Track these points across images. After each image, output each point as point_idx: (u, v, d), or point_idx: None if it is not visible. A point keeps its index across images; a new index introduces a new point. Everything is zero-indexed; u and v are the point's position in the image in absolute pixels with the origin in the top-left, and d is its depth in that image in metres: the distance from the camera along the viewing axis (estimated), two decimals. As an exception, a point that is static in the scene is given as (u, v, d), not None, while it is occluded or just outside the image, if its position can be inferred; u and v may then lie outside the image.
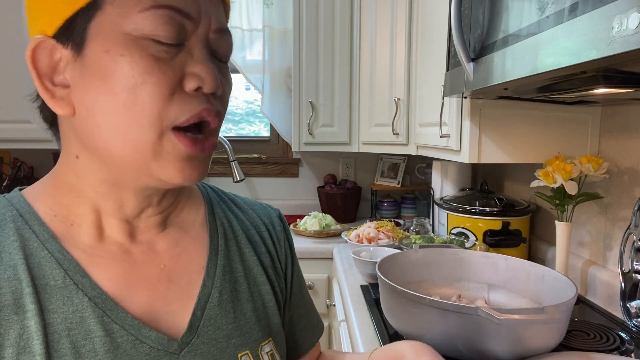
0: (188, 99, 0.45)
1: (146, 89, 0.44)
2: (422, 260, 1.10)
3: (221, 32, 0.49)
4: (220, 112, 0.49)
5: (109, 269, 0.49)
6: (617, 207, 1.19)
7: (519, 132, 1.26)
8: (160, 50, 0.44)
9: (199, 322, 0.52)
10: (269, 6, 2.37)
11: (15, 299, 0.44)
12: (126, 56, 0.43)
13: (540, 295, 0.97)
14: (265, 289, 0.60)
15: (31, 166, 2.39)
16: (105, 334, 0.46)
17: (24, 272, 0.45)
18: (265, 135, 2.65)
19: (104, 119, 0.45)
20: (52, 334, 0.44)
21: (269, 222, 0.66)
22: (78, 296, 0.46)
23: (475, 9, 0.96)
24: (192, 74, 0.45)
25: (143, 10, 0.43)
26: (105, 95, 0.44)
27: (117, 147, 0.45)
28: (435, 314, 0.81)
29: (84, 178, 0.50)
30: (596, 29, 0.54)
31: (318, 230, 2.10)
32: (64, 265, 0.47)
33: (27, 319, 0.43)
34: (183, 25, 0.45)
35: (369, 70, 2.06)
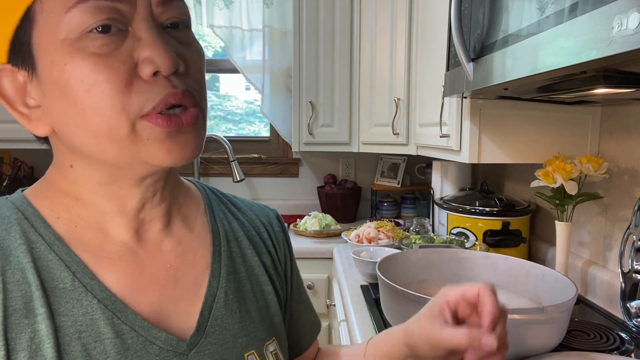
0: (148, 87, 0.43)
1: (99, 89, 0.42)
2: (422, 260, 1.10)
3: (165, 3, 0.45)
4: (189, 89, 0.46)
5: (117, 270, 0.49)
6: (617, 207, 1.19)
7: (519, 132, 1.26)
8: (101, 46, 0.42)
9: (206, 323, 0.52)
10: (269, 6, 2.37)
11: (25, 302, 0.43)
12: (69, 63, 0.42)
13: (540, 295, 0.97)
14: (267, 288, 0.60)
15: (31, 166, 2.39)
16: (116, 336, 0.46)
17: (33, 275, 0.44)
18: (265, 135, 2.65)
19: (77, 129, 0.45)
20: (62, 337, 0.44)
21: (268, 223, 0.66)
22: (87, 298, 0.46)
23: (475, 9, 0.96)
24: (145, 59, 0.43)
25: (69, 9, 0.41)
26: (68, 107, 0.44)
27: (100, 150, 0.45)
28: (435, 314, 0.81)
29: (80, 184, 0.50)
30: (596, 29, 0.54)
31: (318, 230, 2.10)
32: (71, 267, 0.47)
33: (38, 322, 0.43)
34: (118, 10, 0.42)
35: (369, 70, 2.06)
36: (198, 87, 0.48)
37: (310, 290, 1.94)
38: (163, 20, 0.46)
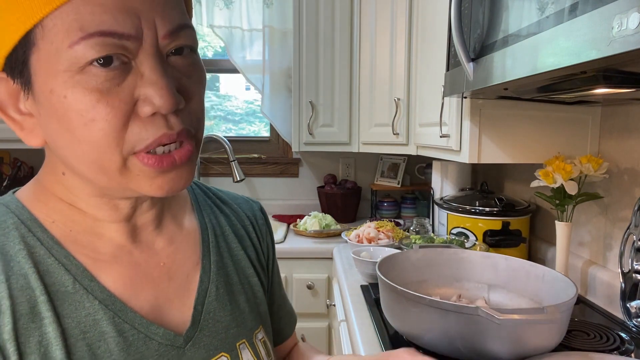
0: (144, 126, 0.43)
1: (97, 126, 0.42)
2: (422, 260, 1.10)
3: (173, 34, 0.44)
4: (186, 127, 0.46)
5: (114, 271, 0.50)
6: (617, 207, 1.19)
7: (519, 132, 1.26)
8: (103, 81, 0.41)
9: (200, 316, 0.54)
10: (269, 6, 2.37)
11: (30, 307, 0.44)
12: (69, 97, 0.42)
13: (540, 295, 0.97)
14: (253, 280, 0.63)
15: (31, 166, 2.39)
16: (118, 334, 0.47)
17: (36, 280, 0.45)
18: (265, 135, 2.65)
19: (69, 151, 0.45)
20: (69, 338, 0.45)
21: (252, 216, 0.68)
22: (89, 300, 0.47)
23: (475, 9, 0.96)
24: (145, 98, 0.43)
25: (72, 45, 0.40)
26: (64, 134, 0.44)
27: (90, 173, 0.46)
28: (435, 314, 0.81)
29: (72, 192, 0.50)
30: (596, 29, 0.54)
31: (318, 230, 2.10)
32: (71, 270, 0.48)
33: (45, 325, 0.44)
34: (122, 47, 0.41)
35: (369, 70, 2.06)
36: (196, 120, 0.48)
37: (310, 290, 1.95)
38: (168, 49, 0.45)
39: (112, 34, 0.40)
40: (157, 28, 0.43)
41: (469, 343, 0.80)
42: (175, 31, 0.44)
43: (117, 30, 0.40)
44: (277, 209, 2.53)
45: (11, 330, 0.42)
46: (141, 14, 0.42)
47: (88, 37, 0.40)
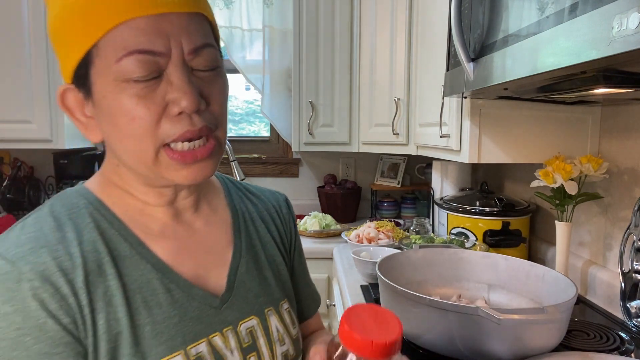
0: (173, 123, 0.55)
1: (137, 123, 0.54)
2: (422, 260, 1.10)
3: (197, 50, 0.55)
4: (208, 124, 0.57)
5: (161, 244, 0.62)
6: (617, 207, 1.19)
7: (519, 132, 1.26)
8: (141, 89, 0.53)
9: (233, 284, 0.65)
10: (269, 6, 2.37)
11: (98, 265, 0.56)
12: (117, 101, 0.54)
13: (540, 295, 0.97)
14: (278, 259, 0.74)
15: (31, 166, 2.39)
16: (166, 292, 0.59)
17: (102, 245, 0.57)
18: (265, 135, 2.65)
19: (116, 143, 0.58)
20: (128, 291, 0.56)
21: (277, 205, 0.80)
22: (142, 263, 0.59)
23: (475, 9, 0.96)
24: (173, 101, 0.54)
25: (119, 60, 0.52)
26: (114, 130, 0.56)
27: (133, 163, 0.58)
28: (435, 314, 0.81)
29: (125, 179, 0.62)
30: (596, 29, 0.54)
31: (318, 230, 2.10)
32: (128, 240, 0.59)
33: (109, 280, 0.56)
34: (155, 62, 0.53)
35: (369, 70, 2.06)
36: (215, 121, 0.59)
37: (310, 290, 1.94)
38: (194, 65, 0.56)
39: (147, 51, 0.52)
40: (182, 46, 0.54)
41: (469, 343, 0.80)
42: (198, 49, 0.56)
43: (151, 48, 0.52)
44: (277, 209, 2.53)
45: (83, 281, 0.54)
46: (170, 36, 0.53)
47: (129, 54, 0.52)
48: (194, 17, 0.56)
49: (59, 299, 0.52)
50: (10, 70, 2.02)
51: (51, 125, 2.07)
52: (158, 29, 0.53)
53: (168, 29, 0.53)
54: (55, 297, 0.51)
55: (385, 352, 0.45)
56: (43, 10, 2.02)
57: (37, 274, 0.51)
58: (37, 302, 0.50)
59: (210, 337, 0.60)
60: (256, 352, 0.64)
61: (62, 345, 0.51)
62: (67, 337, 0.52)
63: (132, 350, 0.54)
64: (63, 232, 0.56)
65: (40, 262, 0.52)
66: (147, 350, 0.55)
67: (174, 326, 0.57)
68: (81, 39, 0.54)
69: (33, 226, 0.56)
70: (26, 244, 0.54)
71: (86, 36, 0.53)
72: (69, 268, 0.53)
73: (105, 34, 0.52)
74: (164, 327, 0.57)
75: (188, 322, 0.59)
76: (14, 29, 2.01)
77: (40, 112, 2.06)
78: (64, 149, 2.18)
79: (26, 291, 0.50)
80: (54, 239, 0.55)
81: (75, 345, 0.52)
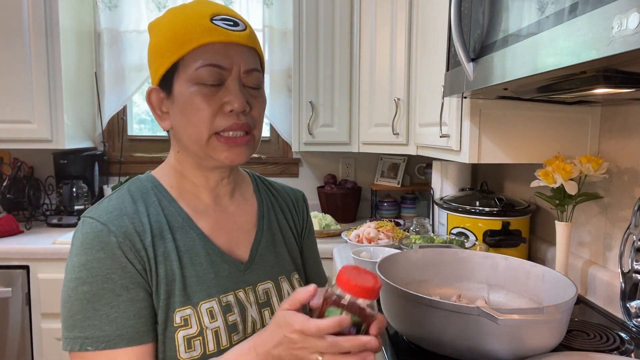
0: (225, 118, 0.75)
1: (201, 114, 0.74)
2: (422, 260, 1.10)
3: (249, 71, 0.77)
4: (249, 122, 0.77)
5: (204, 220, 0.82)
6: (617, 207, 1.19)
7: (519, 132, 1.26)
8: (207, 91, 0.74)
9: (254, 256, 0.85)
10: (269, 6, 2.37)
11: (159, 231, 0.76)
12: (189, 98, 0.75)
13: (540, 295, 0.97)
14: (292, 241, 0.94)
15: (31, 166, 2.39)
16: (206, 254, 0.79)
17: (163, 218, 0.77)
18: (265, 135, 2.65)
19: (183, 129, 0.77)
20: (179, 252, 0.76)
21: (295, 199, 0.99)
22: (190, 233, 0.79)
23: (475, 9, 0.96)
24: (227, 102, 0.75)
25: (197, 68, 0.74)
26: (182, 118, 0.76)
27: (189, 143, 0.77)
28: (435, 314, 0.81)
29: (183, 164, 0.82)
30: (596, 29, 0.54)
31: (318, 230, 2.10)
32: (181, 215, 0.79)
33: (167, 242, 0.76)
34: (221, 73, 0.75)
35: (369, 70, 2.06)
36: (254, 122, 0.79)
37: (310, 290, 1.94)
38: (245, 82, 0.77)
39: (217, 65, 0.74)
40: (241, 67, 0.76)
41: (469, 343, 0.80)
42: (250, 71, 0.77)
43: (220, 64, 0.74)
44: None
45: (150, 242, 0.74)
46: (234, 58, 0.75)
47: (205, 65, 0.74)
48: (251, 49, 0.78)
49: (135, 251, 0.72)
50: (10, 70, 2.02)
51: (51, 125, 2.08)
52: (227, 52, 0.75)
53: (233, 54, 0.75)
54: (133, 250, 0.72)
55: (372, 294, 0.61)
56: (43, 10, 2.02)
57: (121, 233, 0.72)
58: (121, 251, 0.71)
59: (237, 292, 0.80)
60: (269, 308, 0.83)
61: (137, 283, 0.71)
62: (140, 278, 0.72)
63: (182, 293, 0.74)
64: (137, 206, 0.77)
65: (123, 225, 0.73)
66: (192, 294, 0.75)
67: (211, 280, 0.77)
68: (172, 53, 0.75)
69: (116, 200, 0.77)
70: (113, 212, 0.74)
71: (177, 51, 0.74)
72: (141, 231, 0.74)
73: (191, 51, 0.74)
74: (204, 279, 0.77)
75: (221, 279, 0.78)
76: (14, 29, 2.01)
77: (40, 112, 2.06)
78: (64, 149, 2.18)
79: (114, 243, 0.71)
80: (132, 210, 0.76)
81: (145, 285, 0.72)
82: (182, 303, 0.74)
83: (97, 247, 0.70)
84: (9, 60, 2.02)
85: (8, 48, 2.02)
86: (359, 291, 0.60)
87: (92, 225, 0.72)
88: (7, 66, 2.02)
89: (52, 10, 2.04)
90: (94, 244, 0.71)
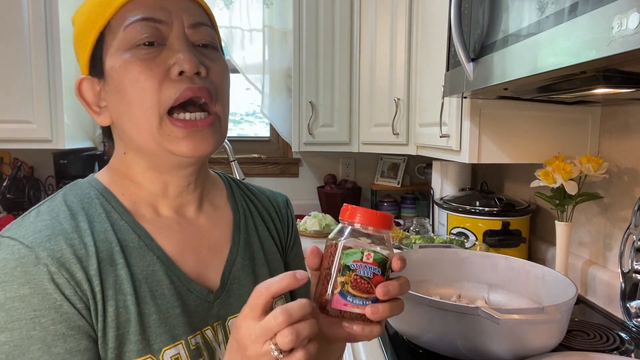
0: (174, 84, 0.58)
1: (140, 85, 0.57)
2: (422, 260, 1.10)
3: (196, 26, 0.61)
4: (208, 87, 0.60)
5: (167, 237, 0.64)
6: (617, 207, 1.19)
7: (519, 132, 1.26)
8: (144, 54, 0.58)
9: (227, 281, 0.67)
10: (269, 6, 2.37)
11: (109, 255, 0.58)
12: (122, 66, 0.58)
13: (540, 295, 0.97)
14: (275, 257, 0.76)
15: (31, 166, 2.39)
16: (170, 283, 0.61)
17: (113, 236, 0.59)
18: (265, 135, 2.65)
19: (124, 118, 0.60)
20: (135, 280, 0.59)
21: (277, 205, 0.82)
22: (149, 255, 0.61)
23: (475, 9, 0.96)
24: (175, 63, 0.58)
25: (125, 27, 0.58)
26: (122, 100, 0.59)
27: (137, 136, 0.60)
28: (435, 314, 0.81)
29: (132, 167, 0.64)
30: (596, 29, 0.54)
31: (318, 230, 2.10)
32: (137, 232, 0.62)
33: (119, 269, 0.58)
34: (157, 29, 0.58)
35: (369, 70, 2.06)
36: (215, 89, 0.61)
37: (310, 290, 1.94)
38: (194, 40, 0.61)
39: (149, 19, 0.58)
40: (184, 20, 0.60)
41: (469, 343, 0.80)
42: (197, 25, 0.61)
43: (153, 16, 0.58)
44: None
45: (96, 269, 0.56)
46: (171, 11, 0.59)
47: (135, 22, 0.58)
48: (193, 2, 0.62)
49: (74, 284, 0.54)
50: (10, 70, 2.02)
51: (51, 125, 2.07)
52: (161, 5, 0.59)
53: (170, 6, 0.59)
54: (71, 282, 0.54)
55: (386, 224, 0.50)
56: (43, 10, 2.02)
57: (54, 259, 0.53)
58: (54, 286, 0.53)
59: (204, 329, 0.63)
60: None
61: (77, 328, 0.54)
62: (81, 321, 0.54)
63: (139, 338, 0.57)
64: (77, 221, 0.58)
65: (57, 248, 0.54)
66: (152, 338, 0.58)
67: (176, 317, 0.60)
68: (95, 24, 0.60)
69: (48, 214, 0.58)
70: (43, 230, 0.55)
71: (99, 19, 0.59)
72: (83, 256, 0.56)
73: (116, 12, 0.59)
74: (167, 317, 0.59)
75: (187, 314, 0.61)
76: (14, 29, 2.01)
77: (40, 112, 2.06)
78: (64, 149, 2.18)
79: (43, 275, 0.53)
80: (69, 227, 0.57)
81: (88, 328, 0.54)
82: (139, 352, 0.56)
83: (20, 281, 0.52)
84: (9, 61, 2.02)
85: (8, 48, 2.01)
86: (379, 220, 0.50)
87: (14, 250, 0.53)
88: (7, 66, 2.02)
89: (52, 10, 2.04)
90: (15, 276, 0.52)
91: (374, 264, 0.49)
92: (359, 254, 0.49)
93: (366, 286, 0.49)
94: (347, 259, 0.49)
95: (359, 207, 0.51)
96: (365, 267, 0.49)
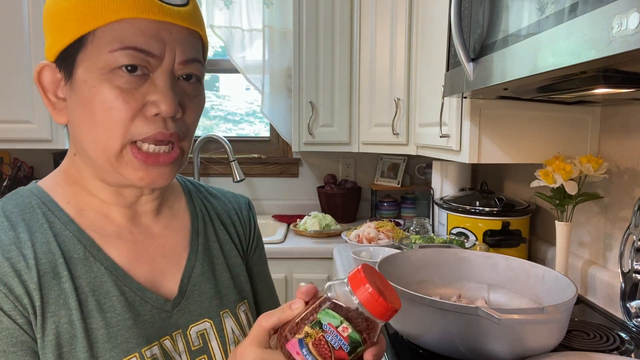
0: (147, 123, 0.55)
1: (112, 113, 0.54)
2: (422, 260, 1.10)
3: (187, 62, 0.58)
4: (179, 132, 0.58)
5: (117, 246, 0.61)
6: (617, 207, 1.19)
7: (519, 132, 1.26)
8: (125, 82, 0.54)
9: (186, 288, 0.65)
10: (269, 6, 2.37)
11: (52, 267, 0.56)
12: (97, 89, 0.54)
13: (540, 295, 0.97)
14: (237, 261, 0.74)
15: (31, 166, 2.39)
16: (120, 294, 0.59)
17: (55, 247, 0.57)
18: (265, 135, 2.65)
19: (84, 129, 0.57)
20: (81, 294, 0.56)
21: (238, 208, 0.79)
22: (96, 265, 0.59)
23: (475, 9, 0.96)
24: (153, 102, 0.55)
25: (112, 51, 0.53)
26: (86, 117, 0.56)
27: (92, 150, 0.57)
28: (435, 314, 0.81)
29: (82, 172, 0.61)
30: (596, 29, 0.54)
31: (318, 230, 2.10)
32: (82, 242, 0.59)
33: (63, 282, 0.55)
34: (147, 61, 0.55)
35: (369, 70, 2.06)
36: (186, 131, 0.60)
37: (310, 290, 1.94)
38: (180, 74, 0.58)
39: (142, 50, 0.54)
40: (176, 56, 0.56)
41: (469, 343, 0.80)
42: (189, 62, 0.58)
43: (146, 48, 0.54)
44: (277, 209, 2.53)
45: (36, 283, 0.54)
46: (167, 43, 0.55)
47: (125, 48, 0.53)
48: (191, 33, 0.59)
49: (12, 299, 0.52)
50: (10, 70, 2.02)
51: (51, 125, 2.07)
52: (158, 34, 0.55)
53: (167, 37, 0.55)
54: (9, 297, 0.52)
55: (389, 315, 0.47)
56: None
57: None
58: None
59: (162, 340, 0.61)
60: (207, 355, 0.64)
61: (19, 344, 0.52)
62: (24, 336, 0.52)
63: (87, 354, 0.54)
64: (16, 232, 0.56)
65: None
66: (101, 354, 0.55)
67: (127, 329, 0.57)
68: (80, 23, 0.54)
69: None
70: None
71: (86, 21, 0.54)
72: (22, 269, 0.53)
73: (106, 25, 0.54)
74: (117, 330, 0.57)
75: (142, 326, 0.59)
76: (14, 29, 2.01)
77: (40, 112, 2.06)
78: (64, 149, 2.18)
79: None
80: (7, 239, 0.55)
81: (32, 344, 0.52)
82: None
83: None
84: (9, 60, 2.02)
85: (8, 48, 2.01)
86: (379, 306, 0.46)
87: None
88: (7, 66, 2.02)
89: (52, 10, 2.03)
90: None
91: (346, 339, 0.45)
92: (338, 320, 0.46)
93: (326, 353, 0.46)
94: (324, 317, 0.46)
95: (371, 280, 0.46)
96: (336, 336, 0.46)
